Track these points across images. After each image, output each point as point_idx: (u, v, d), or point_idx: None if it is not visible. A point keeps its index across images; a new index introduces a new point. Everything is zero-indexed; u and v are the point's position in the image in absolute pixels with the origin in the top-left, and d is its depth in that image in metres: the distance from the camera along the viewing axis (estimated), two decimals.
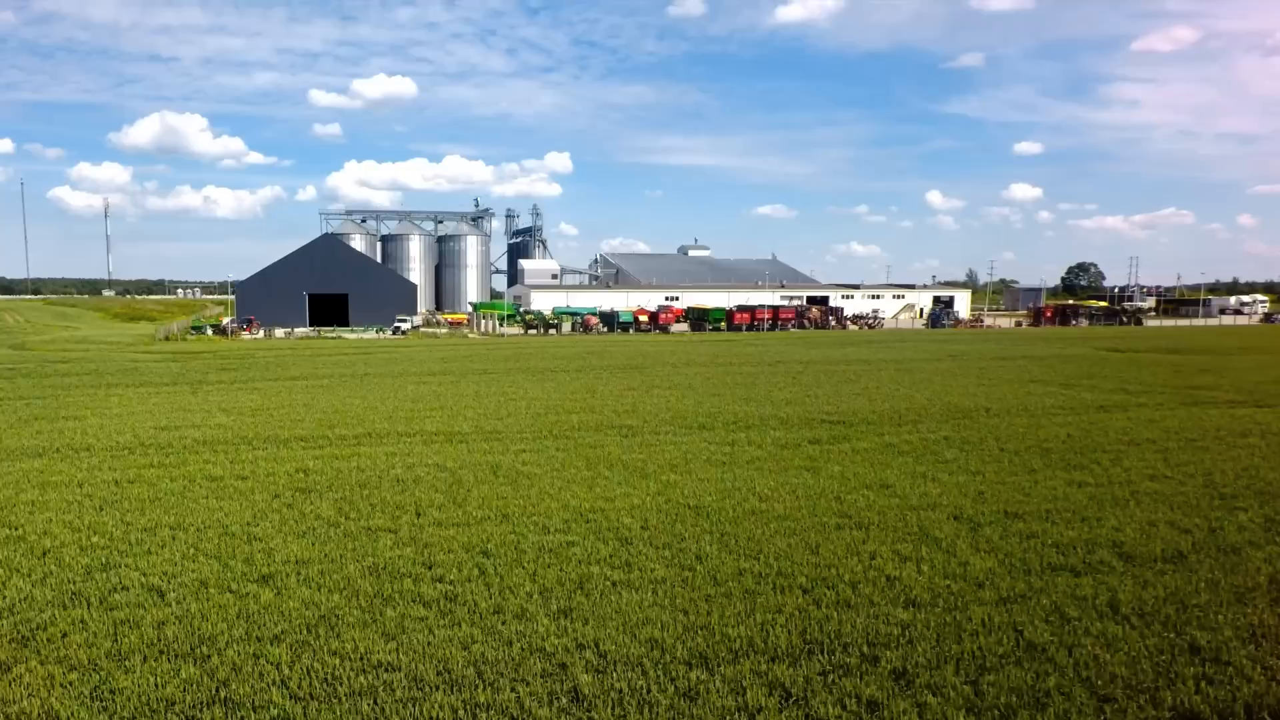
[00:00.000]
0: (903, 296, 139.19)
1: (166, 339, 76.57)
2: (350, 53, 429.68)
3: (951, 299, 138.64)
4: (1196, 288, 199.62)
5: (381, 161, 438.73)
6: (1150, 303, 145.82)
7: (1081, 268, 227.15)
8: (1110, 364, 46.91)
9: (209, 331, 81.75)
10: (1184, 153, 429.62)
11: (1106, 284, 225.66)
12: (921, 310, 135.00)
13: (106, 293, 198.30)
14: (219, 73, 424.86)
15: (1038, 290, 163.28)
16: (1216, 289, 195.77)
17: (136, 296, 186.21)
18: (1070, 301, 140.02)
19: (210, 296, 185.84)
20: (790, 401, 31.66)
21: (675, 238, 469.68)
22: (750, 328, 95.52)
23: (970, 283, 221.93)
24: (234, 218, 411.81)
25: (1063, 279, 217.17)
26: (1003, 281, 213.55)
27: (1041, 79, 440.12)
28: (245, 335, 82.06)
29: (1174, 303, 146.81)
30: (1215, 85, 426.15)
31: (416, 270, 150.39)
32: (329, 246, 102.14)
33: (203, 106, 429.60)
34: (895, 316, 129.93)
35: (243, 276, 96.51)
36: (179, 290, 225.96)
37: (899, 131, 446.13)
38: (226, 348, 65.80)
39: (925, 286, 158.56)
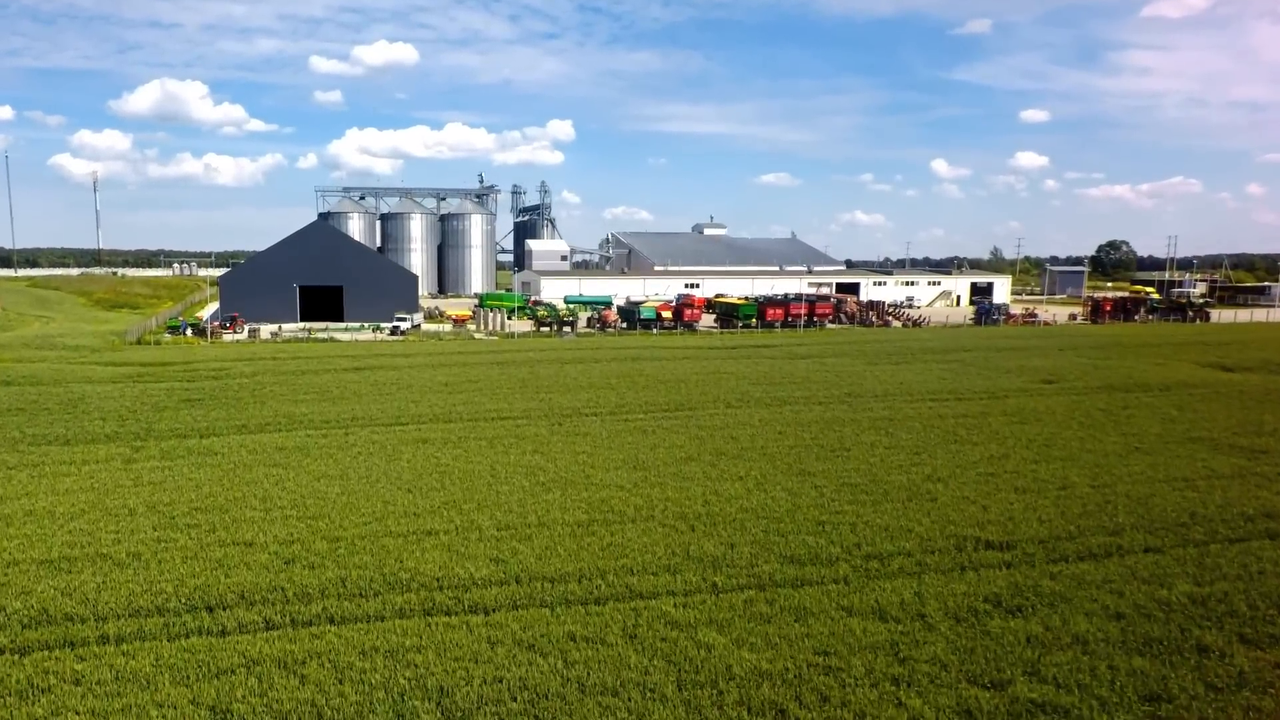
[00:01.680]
0: (938, 283, 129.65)
1: (138, 341, 68.50)
2: (352, 19, 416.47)
3: (990, 285, 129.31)
4: (1236, 263, 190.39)
5: (383, 129, 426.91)
6: (1202, 288, 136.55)
7: (1112, 245, 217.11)
8: (1252, 400, 38.98)
9: (188, 332, 73.48)
10: (1193, 121, 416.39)
11: (1139, 258, 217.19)
12: (959, 298, 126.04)
13: (95, 270, 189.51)
14: (220, 39, 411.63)
15: (1078, 273, 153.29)
16: (1255, 267, 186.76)
17: (127, 274, 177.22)
18: (1120, 291, 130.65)
19: (205, 273, 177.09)
20: (912, 493, 23.78)
21: (679, 206, 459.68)
22: (785, 324, 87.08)
23: (996, 259, 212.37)
24: (235, 185, 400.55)
25: (1092, 258, 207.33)
26: (1027, 259, 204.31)
27: (1050, 46, 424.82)
28: (227, 336, 73.90)
29: (1230, 290, 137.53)
30: (1226, 52, 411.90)
31: (418, 251, 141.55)
32: (323, 233, 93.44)
33: (204, 73, 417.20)
34: (932, 304, 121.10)
35: (243, 245, 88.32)
36: (175, 265, 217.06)
37: (905, 99, 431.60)
38: (201, 357, 57.67)
39: (960, 270, 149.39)
